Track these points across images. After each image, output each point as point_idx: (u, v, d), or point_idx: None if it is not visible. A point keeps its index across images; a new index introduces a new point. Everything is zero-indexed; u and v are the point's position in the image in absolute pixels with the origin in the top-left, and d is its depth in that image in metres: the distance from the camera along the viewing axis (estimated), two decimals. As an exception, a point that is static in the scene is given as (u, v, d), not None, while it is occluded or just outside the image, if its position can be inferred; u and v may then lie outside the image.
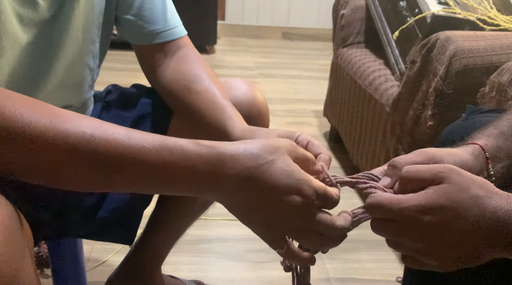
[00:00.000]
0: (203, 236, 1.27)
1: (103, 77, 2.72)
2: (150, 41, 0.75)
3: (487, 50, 1.04)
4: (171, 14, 0.76)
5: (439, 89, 1.05)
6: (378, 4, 1.56)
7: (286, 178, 0.45)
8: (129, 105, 0.80)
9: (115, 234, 0.80)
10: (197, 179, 0.45)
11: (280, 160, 0.46)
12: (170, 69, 0.75)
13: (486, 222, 0.42)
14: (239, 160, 0.45)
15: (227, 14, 3.30)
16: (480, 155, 0.52)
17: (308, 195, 0.46)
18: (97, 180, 0.45)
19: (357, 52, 1.63)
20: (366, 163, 1.44)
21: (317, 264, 1.28)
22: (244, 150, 0.46)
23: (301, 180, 0.46)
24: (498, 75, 0.88)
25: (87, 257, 1.15)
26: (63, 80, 0.67)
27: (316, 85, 2.44)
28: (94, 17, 0.68)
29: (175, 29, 0.76)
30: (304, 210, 0.46)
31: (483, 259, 0.44)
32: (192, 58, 0.76)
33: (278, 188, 0.45)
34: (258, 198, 0.46)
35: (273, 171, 0.45)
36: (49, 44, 0.63)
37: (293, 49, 3.17)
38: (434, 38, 1.08)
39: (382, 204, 0.45)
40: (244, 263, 1.19)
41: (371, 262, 1.23)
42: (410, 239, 0.45)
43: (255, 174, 0.45)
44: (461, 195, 0.43)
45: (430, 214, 0.43)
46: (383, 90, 1.35)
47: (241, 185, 0.46)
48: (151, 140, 0.45)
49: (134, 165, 0.44)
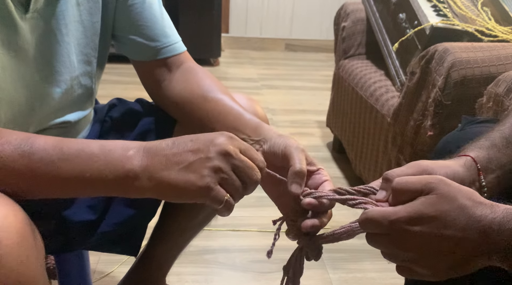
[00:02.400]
0: (207, 247, 1.28)
1: (108, 90, 2.75)
2: (153, 57, 0.76)
3: (484, 61, 1.05)
4: (170, 29, 0.77)
5: (438, 100, 1.07)
6: (378, 16, 1.58)
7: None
8: (132, 122, 0.81)
9: (120, 246, 0.81)
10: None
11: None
12: (179, 81, 0.76)
13: (472, 231, 0.43)
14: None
15: (231, 27, 3.34)
16: (472, 167, 0.53)
17: (230, 135, 0.52)
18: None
19: (359, 64, 1.65)
20: (368, 173, 1.45)
21: (320, 273, 1.29)
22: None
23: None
24: (495, 86, 0.90)
25: (93, 269, 1.16)
26: (59, 101, 0.68)
27: (319, 96, 2.46)
28: (88, 39, 0.69)
29: (176, 44, 0.77)
30: (226, 144, 0.51)
31: (473, 267, 0.45)
32: (201, 71, 0.78)
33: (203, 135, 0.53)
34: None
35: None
36: (40, 69, 0.64)
37: (296, 60, 3.20)
38: (432, 50, 1.10)
39: (373, 218, 0.47)
40: (248, 274, 1.20)
41: (374, 271, 1.23)
42: (402, 249, 0.46)
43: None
44: (448, 205, 0.44)
45: (419, 225, 0.44)
46: (384, 100, 1.37)
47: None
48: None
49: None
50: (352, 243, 1.37)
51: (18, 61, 0.60)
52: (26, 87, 0.63)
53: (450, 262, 0.44)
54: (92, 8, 0.69)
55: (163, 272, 0.96)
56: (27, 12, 0.60)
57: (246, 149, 0.53)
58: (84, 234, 0.75)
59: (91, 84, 0.74)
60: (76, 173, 0.50)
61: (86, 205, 0.73)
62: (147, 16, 0.74)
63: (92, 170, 0.50)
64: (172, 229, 0.90)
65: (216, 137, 0.52)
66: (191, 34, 2.77)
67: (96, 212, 0.75)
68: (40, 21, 0.62)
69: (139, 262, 0.94)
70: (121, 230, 0.77)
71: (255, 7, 3.30)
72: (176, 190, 0.51)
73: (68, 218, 0.71)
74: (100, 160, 0.51)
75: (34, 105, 0.65)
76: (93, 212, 0.74)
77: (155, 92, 0.79)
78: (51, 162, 0.50)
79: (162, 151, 0.51)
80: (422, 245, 0.44)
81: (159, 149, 0.52)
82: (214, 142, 0.51)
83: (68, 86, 0.69)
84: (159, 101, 0.80)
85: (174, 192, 0.51)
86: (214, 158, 0.50)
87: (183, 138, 0.53)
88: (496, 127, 0.58)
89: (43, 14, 0.62)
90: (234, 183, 0.51)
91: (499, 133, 0.56)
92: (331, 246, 1.45)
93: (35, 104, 0.65)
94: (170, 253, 0.94)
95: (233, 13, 3.31)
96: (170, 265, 0.97)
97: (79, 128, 0.77)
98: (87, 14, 0.68)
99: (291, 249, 0.66)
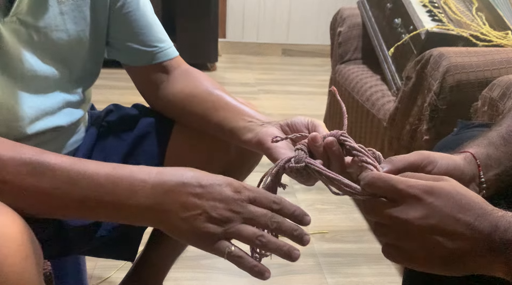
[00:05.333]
0: (204, 252, 1.27)
1: (106, 95, 2.75)
2: (149, 62, 0.77)
3: (479, 66, 1.06)
4: (163, 35, 0.79)
5: (433, 104, 1.07)
6: (374, 21, 1.59)
7: (214, 178, 0.51)
8: (129, 125, 0.82)
9: (117, 251, 0.81)
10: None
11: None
12: (180, 80, 0.78)
13: (484, 223, 0.43)
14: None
15: (228, 32, 3.35)
16: (472, 162, 0.53)
17: (236, 186, 0.50)
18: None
19: (355, 68, 1.66)
20: (365, 178, 1.45)
21: (317, 278, 1.29)
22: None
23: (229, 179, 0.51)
24: (490, 90, 0.90)
25: (90, 274, 1.16)
26: (44, 107, 0.68)
27: (316, 101, 2.47)
28: (72, 48, 0.70)
29: (170, 49, 0.79)
30: (234, 200, 0.50)
31: (469, 268, 0.44)
32: (198, 72, 0.80)
33: (210, 182, 0.51)
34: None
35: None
36: (19, 74, 0.64)
37: (293, 65, 3.21)
38: (427, 55, 1.10)
39: (390, 179, 0.46)
40: (245, 279, 1.20)
41: (371, 276, 1.23)
42: (411, 217, 0.44)
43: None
44: (465, 191, 0.45)
45: (435, 197, 0.44)
46: (380, 105, 1.37)
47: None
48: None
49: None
50: (349, 248, 1.38)
51: (1, 65, 0.61)
52: (11, 93, 0.63)
53: (448, 251, 0.44)
54: (76, 18, 0.69)
55: (160, 277, 0.96)
56: (6, 16, 0.60)
57: (255, 197, 0.51)
58: (82, 239, 0.75)
59: (74, 88, 0.74)
60: (81, 198, 0.50)
61: None
62: (142, 23, 0.76)
63: (96, 199, 0.50)
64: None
65: (222, 192, 0.50)
66: (188, 39, 2.78)
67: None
68: (19, 26, 0.62)
69: (136, 267, 0.94)
70: (118, 234, 0.77)
71: (252, 12, 3.31)
72: (178, 237, 0.52)
73: (66, 223, 0.71)
74: (106, 194, 0.50)
75: (19, 110, 0.64)
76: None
77: (153, 94, 0.80)
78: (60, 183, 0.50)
79: (172, 193, 0.50)
80: (431, 217, 0.44)
81: (171, 188, 0.51)
82: (222, 197, 0.50)
83: (51, 92, 0.69)
84: (157, 102, 0.81)
85: (176, 237, 0.52)
86: (221, 218, 0.49)
87: (192, 181, 0.51)
88: (493, 127, 0.59)
89: (24, 20, 0.62)
90: (245, 234, 0.50)
91: (496, 132, 0.56)
92: (328, 251, 1.45)
93: (19, 109, 0.64)
94: (167, 258, 0.94)
95: (230, 18, 3.32)
96: (168, 270, 0.97)
97: (72, 132, 0.77)
98: (72, 23, 0.69)
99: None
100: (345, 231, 1.42)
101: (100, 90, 2.42)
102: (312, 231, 1.40)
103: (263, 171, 0.59)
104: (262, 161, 1.83)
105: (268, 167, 0.59)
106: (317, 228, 1.42)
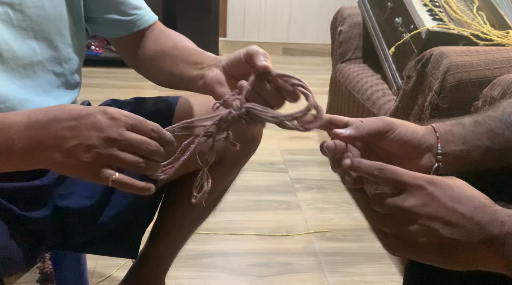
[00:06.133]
0: (205, 251, 1.28)
1: (106, 94, 2.75)
2: (130, 30, 0.79)
3: (480, 65, 1.06)
4: (139, 1, 0.80)
5: (434, 103, 1.07)
6: (374, 20, 1.59)
7: (85, 107, 0.52)
8: None
9: (118, 247, 0.81)
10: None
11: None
12: (151, 40, 0.80)
13: (483, 214, 0.44)
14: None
15: (229, 31, 3.35)
16: (432, 134, 0.56)
17: (111, 112, 0.51)
18: None
19: (355, 67, 1.66)
20: (366, 177, 1.45)
21: (318, 277, 1.29)
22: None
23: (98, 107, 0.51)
24: (490, 89, 0.90)
25: (91, 273, 1.16)
26: (28, 91, 0.68)
27: (317, 99, 2.46)
28: (52, 24, 0.69)
29: (148, 14, 0.81)
30: (110, 126, 0.51)
31: (466, 262, 0.45)
32: (171, 31, 0.82)
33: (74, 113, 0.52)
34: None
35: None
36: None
37: (293, 64, 3.21)
38: (428, 54, 1.10)
39: (396, 170, 0.48)
40: (246, 278, 1.20)
41: (372, 275, 1.23)
42: (411, 205, 0.46)
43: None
44: (465, 185, 0.46)
45: (435, 187, 0.46)
46: (381, 104, 1.37)
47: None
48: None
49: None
50: (350, 247, 1.38)
51: None
52: None
53: (445, 239, 0.45)
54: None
55: (162, 271, 0.97)
56: None
57: (133, 124, 0.52)
58: (82, 225, 0.74)
59: (61, 69, 0.73)
60: None
61: (84, 195, 0.74)
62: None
63: None
64: (169, 226, 0.90)
65: (96, 122, 0.51)
66: (189, 38, 2.77)
67: (94, 200, 0.75)
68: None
69: (137, 264, 0.95)
70: (119, 223, 0.77)
71: (252, 11, 3.31)
72: (67, 173, 0.53)
73: (67, 206, 0.71)
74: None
75: (2, 92, 0.64)
76: (90, 200, 0.75)
77: (135, 61, 0.82)
78: None
79: (46, 129, 0.51)
80: (427, 208, 0.45)
81: (44, 125, 0.52)
82: (96, 126, 0.51)
83: (36, 73, 0.69)
84: (138, 67, 0.82)
85: (65, 173, 0.54)
86: (97, 145, 0.51)
87: (63, 116, 0.52)
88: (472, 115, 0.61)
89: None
90: (125, 161, 0.51)
91: (471, 116, 0.58)
92: (329, 250, 1.46)
93: (3, 91, 0.64)
94: (169, 250, 0.95)
95: (231, 17, 3.32)
96: (170, 264, 0.97)
97: None
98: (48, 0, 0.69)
99: (290, 252, 0.66)
100: (345, 230, 1.42)
101: (101, 89, 2.42)
102: (312, 230, 1.40)
103: (263, 170, 0.59)
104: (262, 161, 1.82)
105: (269, 167, 0.59)
106: (317, 227, 1.42)
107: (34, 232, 0.68)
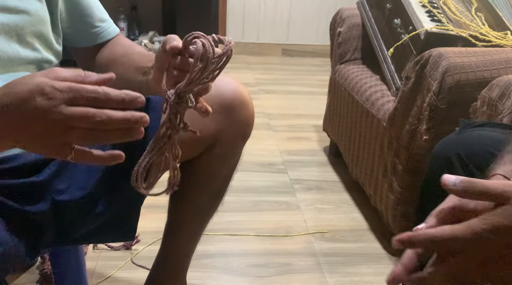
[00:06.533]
0: (205, 251, 1.28)
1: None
2: (94, 42, 0.81)
3: (478, 66, 1.07)
4: (105, 14, 0.82)
5: (433, 104, 1.08)
6: (373, 21, 1.60)
7: (23, 85, 0.48)
8: None
9: (115, 231, 0.81)
10: None
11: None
12: (106, 49, 0.82)
13: None
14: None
15: (228, 32, 3.36)
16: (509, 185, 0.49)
17: (46, 92, 0.47)
18: None
19: (354, 69, 1.66)
20: (365, 177, 1.46)
21: (317, 277, 1.29)
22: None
23: (39, 82, 0.48)
24: (488, 90, 0.91)
25: (91, 273, 1.16)
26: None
27: (316, 101, 2.47)
28: (34, 27, 0.71)
29: (111, 27, 0.83)
30: (50, 108, 0.47)
31: None
32: (124, 39, 0.85)
33: (18, 97, 0.48)
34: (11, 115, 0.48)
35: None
36: None
37: (293, 65, 3.22)
38: (427, 55, 1.11)
39: (450, 233, 0.44)
40: (245, 278, 1.20)
41: (371, 275, 1.24)
42: (471, 263, 0.43)
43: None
44: None
45: (497, 235, 0.42)
46: (380, 105, 1.38)
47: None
48: None
49: None
50: (349, 247, 1.39)
51: None
52: None
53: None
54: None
55: (183, 268, 0.98)
56: None
57: (71, 97, 0.48)
58: (78, 217, 0.74)
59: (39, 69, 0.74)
60: None
61: (79, 186, 0.74)
62: (88, 4, 0.80)
63: None
64: (181, 221, 0.91)
65: (35, 108, 0.47)
66: (188, 39, 2.78)
67: (88, 191, 0.75)
68: None
69: (158, 263, 0.96)
70: (115, 214, 0.77)
71: (252, 12, 3.32)
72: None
73: (65, 200, 0.72)
74: None
75: None
76: (84, 190, 0.75)
77: (91, 69, 0.82)
78: None
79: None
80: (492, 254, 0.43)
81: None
82: (37, 114, 0.47)
83: (12, 73, 0.69)
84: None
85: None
86: (44, 135, 0.48)
87: (10, 107, 0.48)
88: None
89: None
90: (76, 139, 0.49)
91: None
92: (328, 250, 1.46)
93: None
94: (185, 246, 0.96)
95: (230, 18, 3.32)
96: (189, 260, 0.98)
97: None
98: (29, 3, 0.70)
99: (289, 253, 0.67)
100: (344, 230, 1.42)
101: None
102: (312, 231, 1.41)
103: (262, 171, 0.60)
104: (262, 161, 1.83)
105: (268, 167, 0.60)
106: (316, 227, 1.42)
107: (34, 227, 0.69)
